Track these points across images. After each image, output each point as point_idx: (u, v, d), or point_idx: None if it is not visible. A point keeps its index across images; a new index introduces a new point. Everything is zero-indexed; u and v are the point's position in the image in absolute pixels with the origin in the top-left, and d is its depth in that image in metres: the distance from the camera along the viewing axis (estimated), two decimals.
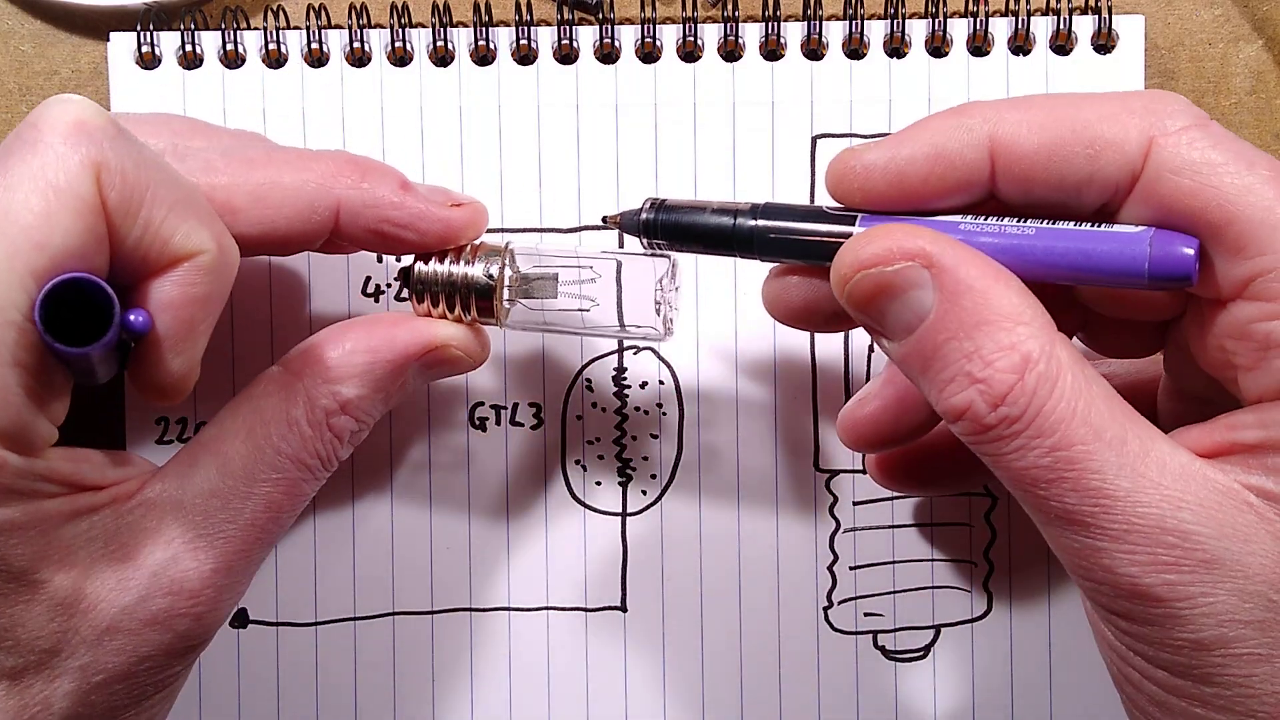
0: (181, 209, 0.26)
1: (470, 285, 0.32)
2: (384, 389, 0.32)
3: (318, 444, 0.31)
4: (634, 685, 0.39)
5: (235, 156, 0.30)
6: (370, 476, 0.38)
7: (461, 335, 0.32)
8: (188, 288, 0.27)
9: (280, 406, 0.30)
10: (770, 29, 0.37)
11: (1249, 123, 0.38)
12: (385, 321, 0.32)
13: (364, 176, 0.31)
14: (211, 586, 0.29)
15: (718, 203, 0.31)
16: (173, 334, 0.27)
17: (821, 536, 0.38)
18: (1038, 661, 0.38)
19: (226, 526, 0.29)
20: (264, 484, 0.30)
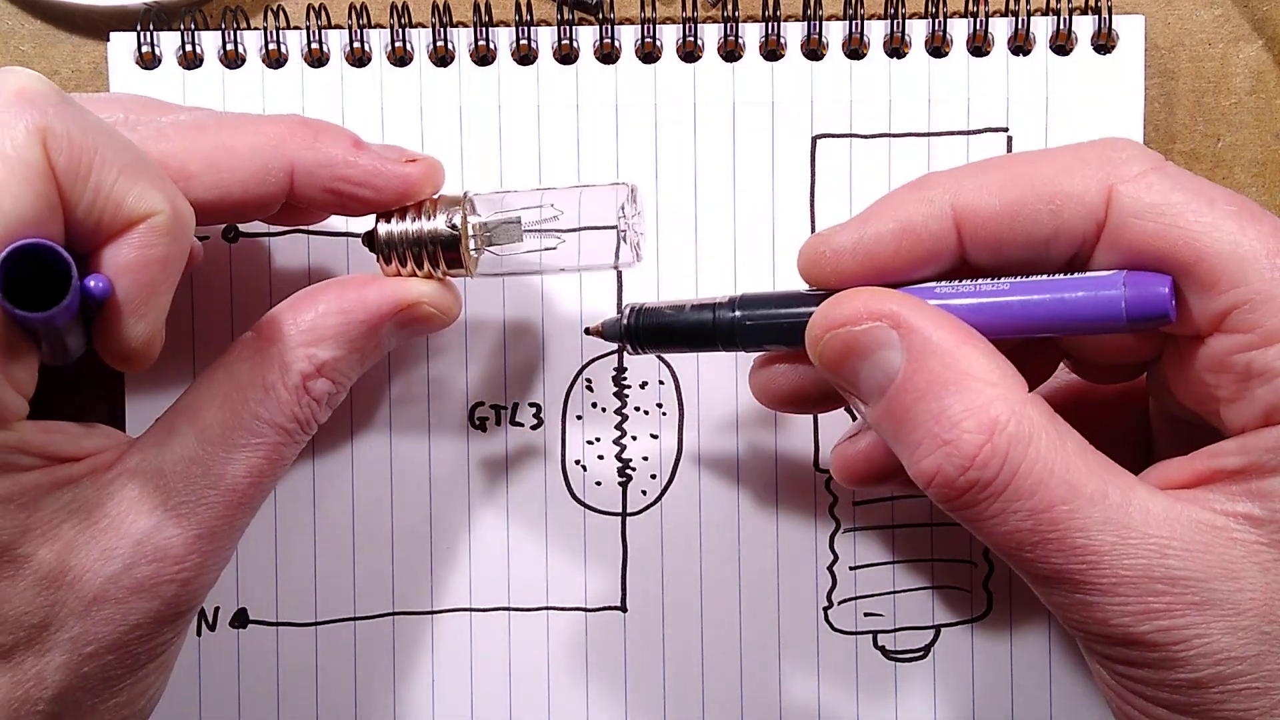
0: (132, 172, 0.26)
1: (435, 239, 0.32)
2: (359, 349, 0.32)
3: (295, 407, 0.31)
4: (634, 685, 0.39)
5: (186, 124, 0.30)
6: (371, 476, 0.38)
7: (432, 291, 0.32)
8: (144, 250, 0.27)
9: (256, 371, 0.30)
10: (770, 29, 0.37)
11: (1249, 123, 0.38)
12: (356, 282, 0.32)
13: (316, 137, 0.31)
14: (196, 552, 0.29)
15: (695, 300, 0.32)
16: (133, 297, 0.27)
17: (821, 536, 0.38)
18: (1038, 661, 0.38)
19: (208, 493, 0.29)
20: (243, 449, 0.30)
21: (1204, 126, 0.38)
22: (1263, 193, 0.38)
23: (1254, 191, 0.38)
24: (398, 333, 0.33)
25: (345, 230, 0.38)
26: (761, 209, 0.38)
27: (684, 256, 0.38)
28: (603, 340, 0.34)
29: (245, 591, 0.38)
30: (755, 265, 0.38)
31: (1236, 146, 0.38)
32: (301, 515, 0.38)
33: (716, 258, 0.38)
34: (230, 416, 0.30)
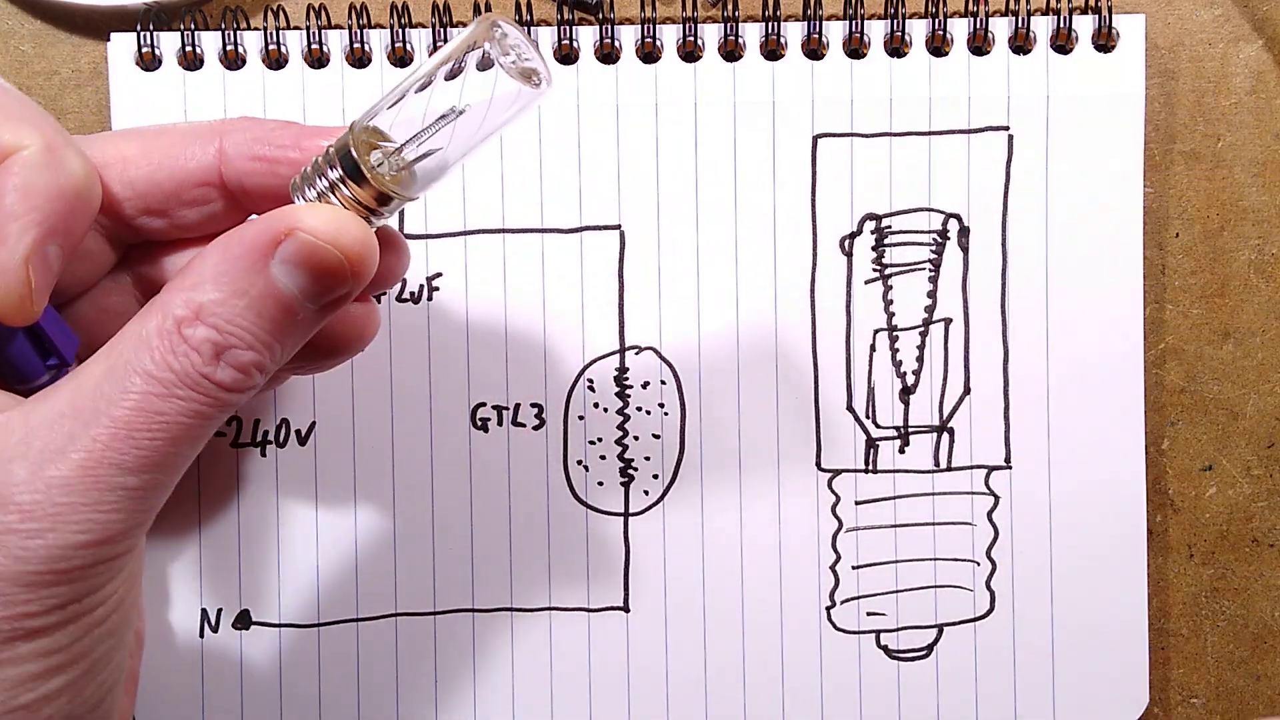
0: (3, 112, 0.26)
1: (332, 164, 0.28)
2: (243, 292, 0.28)
3: (168, 355, 0.27)
4: (636, 685, 0.39)
5: (131, 127, 0.31)
6: (372, 477, 0.38)
7: (323, 223, 0.28)
8: (5, 176, 0.26)
9: (137, 324, 0.28)
10: (770, 29, 0.37)
11: (1249, 123, 0.38)
12: (241, 225, 0.29)
13: (247, 120, 0.30)
14: (48, 503, 0.26)
15: None
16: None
17: (824, 536, 0.38)
18: (1041, 660, 0.39)
19: (68, 443, 0.27)
20: (108, 399, 0.27)
21: (1204, 126, 0.38)
22: (1263, 193, 0.38)
23: (1254, 191, 0.38)
24: (293, 275, 0.28)
25: None
26: (762, 209, 0.38)
27: (685, 256, 0.38)
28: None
29: (248, 593, 0.38)
30: (756, 265, 0.38)
31: (1236, 146, 0.38)
32: (304, 517, 0.38)
33: (717, 258, 0.38)
34: (102, 369, 0.27)
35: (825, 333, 0.38)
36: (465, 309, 0.38)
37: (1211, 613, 0.39)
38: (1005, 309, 0.38)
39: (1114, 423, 0.38)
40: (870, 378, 0.38)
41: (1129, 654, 0.38)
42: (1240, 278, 0.39)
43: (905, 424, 0.38)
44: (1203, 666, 0.39)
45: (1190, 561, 0.39)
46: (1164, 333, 0.39)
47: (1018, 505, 0.38)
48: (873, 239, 0.38)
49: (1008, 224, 0.38)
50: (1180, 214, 0.38)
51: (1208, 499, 0.39)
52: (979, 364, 0.38)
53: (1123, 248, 0.38)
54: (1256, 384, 0.39)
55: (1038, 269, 0.38)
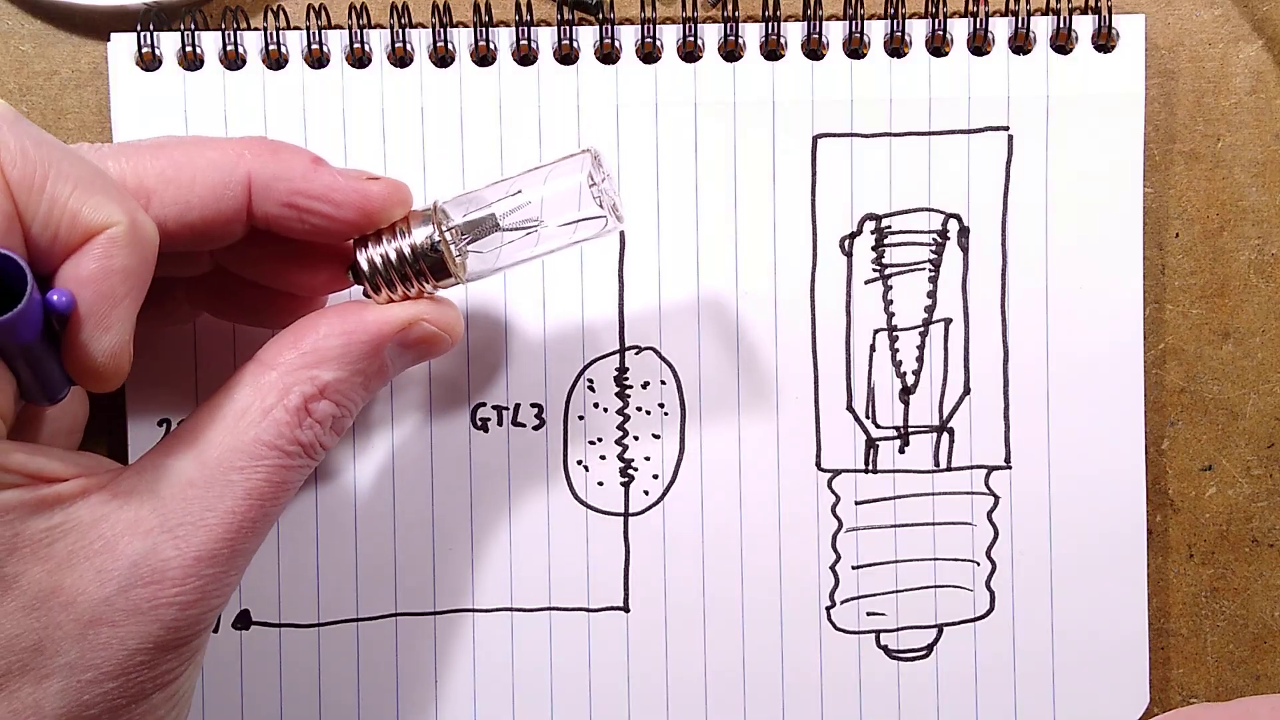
0: (87, 185, 0.26)
1: (417, 254, 0.31)
2: (362, 371, 0.31)
3: (296, 430, 0.30)
4: (636, 685, 0.39)
5: (144, 144, 0.30)
6: (372, 477, 0.38)
7: (431, 309, 0.32)
8: (104, 260, 0.26)
9: (256, 394, 0.30)
10: (770, 29, 0.37)
11: (1249, 122, 0.38)
12: (356, 306, 0.31)
13: (275, 152, 0.31)
14: (195, 575, 0.28)
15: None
16: (95, 310, 0.26)
17: (824, 536, 0.38)
18: (1040, 660, 0.39)
19: (206, 515, 0.29)
20: (243, 473, 0.29)
21: (1204, 126, 0.38)
22: (1263, 193, 0.38)
23: (1254, 191, 0.38)
24: (401, 355, 0.32)
25: None
26: (762, 209, 0.38)
27: (685, 256, 0.38)
28: None
29: (248, 593, 0.38)
30: (756, 265, 0.38)
31: (1236, 146, 0.38)
32: (304, 516, 0.38)
33: (717, 258, 0.38)
34: (230, 440, 0.29)
35: (825, 333, 0.38)
36: (465, 309, 0.38)
37: (1211, 613, 0.39)
38: (1005, 309, 0.38)
39: (1114, 423, 0.38)
40: (870, 378, 0.38)
41: (1129, 654, 0.38)
42: (1240, 278, 0.39)
43: (905, 424, 0.38)
44: (1203, 666, 0.39)
45: (1190, 561, 0.39)
46: (1164, 333, 0.39)
47: (1018, 505, 0.38)
48: (873, 239, 0.38)
49: (1008, 224, 0.38)
50: (1180, 214, 0.39)
51: (1207, 499, 0.39)
52: (979, 364, 0.38)
53: (1123, 248, 0.38)
54: (1256, 384, 0.39)
55: (1038, 269, 0.38)
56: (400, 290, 0.32)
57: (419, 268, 0.32)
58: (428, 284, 0.32)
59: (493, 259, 0.33)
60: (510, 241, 0.32)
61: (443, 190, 0.37)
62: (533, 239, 0.33)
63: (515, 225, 0.32)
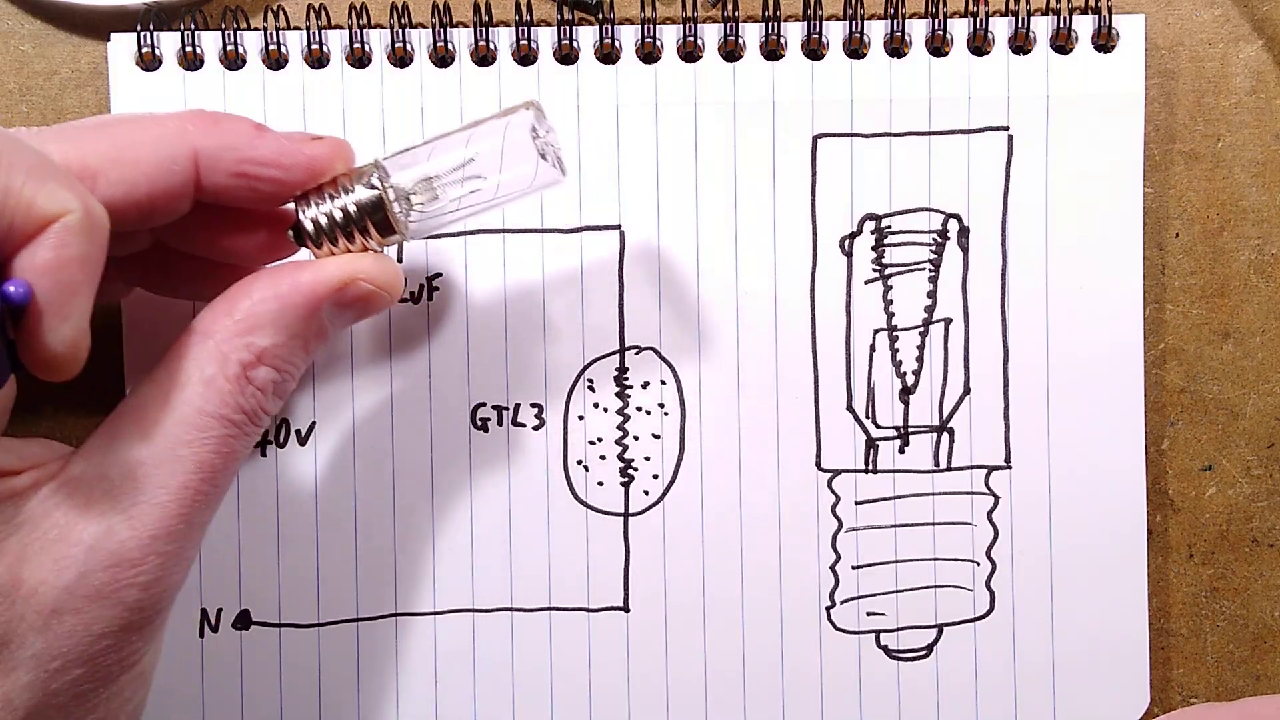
0: (39, 173, 0.26)
1: (360, 209, 0.31)
2: (299, 334, 0.31)
3: (239, 398, 0.30)
4: (636, 685, 0.39)
5: (86, 124, 0.30)
6: (372, 477, 0.38)
7: (369, 267, 0.31)
8: (61, 249, 0.26)
9: (195, 366, 0.29)
10: (770, 29, 0.37)
11: (1249, 122, 0.38)
12: (289, 268, 0.31)
13: (218, 123, 0.30)
14: (153, 553, 0.28)
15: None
16: (54, 300, 0.26)
17: (824, 536, 0.38)
18: (1040, 660, 0.39)
19: (158, 493, 0.28)
20: (190, 446, 0.29)
21: (1204, 126, 0.38)
22: (1263, 193, 0.38)
23: (1254, 191, 0.38)
24: (339, 314, 0.32)
25: None
26: (762, 209, 0.38)
27: (685, 256, 0.38)
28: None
29: (248, 593, 0.38)
30: (756, 265, 0.38)
31: (1236, 146, 0.38)
32: (304, 516, 0.38)
33: (717, 257, 0.38)
34: (174, 414, 0.29)
35: (825, 333, 0.38)
36: (465, 309, 0.38)
37: (1211, 613, 0.39)
38: (1005, 309, 0.38)
39: (1114, 423, 0.38)
40: (870, 378, 0.38)
41: (1129, 654, 0.38)
42: (1240, 278, 0.39)
43: (905, 424, 0.38)
44: (1203, 666, 0.39)
45: (1190, 561, 0.39)
46: (1164, 333, 0.39)
47: (1018, 505, 0.38)
48: (873, 239, 0.38)
49: (1008, 224, 0.38)
50: (1180, 214, 0.39)
51: (1207, 499, 0.39)
52: (979, 364, 0.38)
53: (1123, 248, 0.38)
54: (1256, 384, 0.39)
55: (1038, 269, 0.38)
56: (342, 245, 0.32)
57: (364, 224, 0.31)
58: (372, 240, 0.32)
59: (435, 217, 0.32)
60: (454, 198, 0.32)
61: None
62: (478, 195, 0.32)
63: (456, 181, 0.32)
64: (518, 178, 0.32)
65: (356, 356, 0.38)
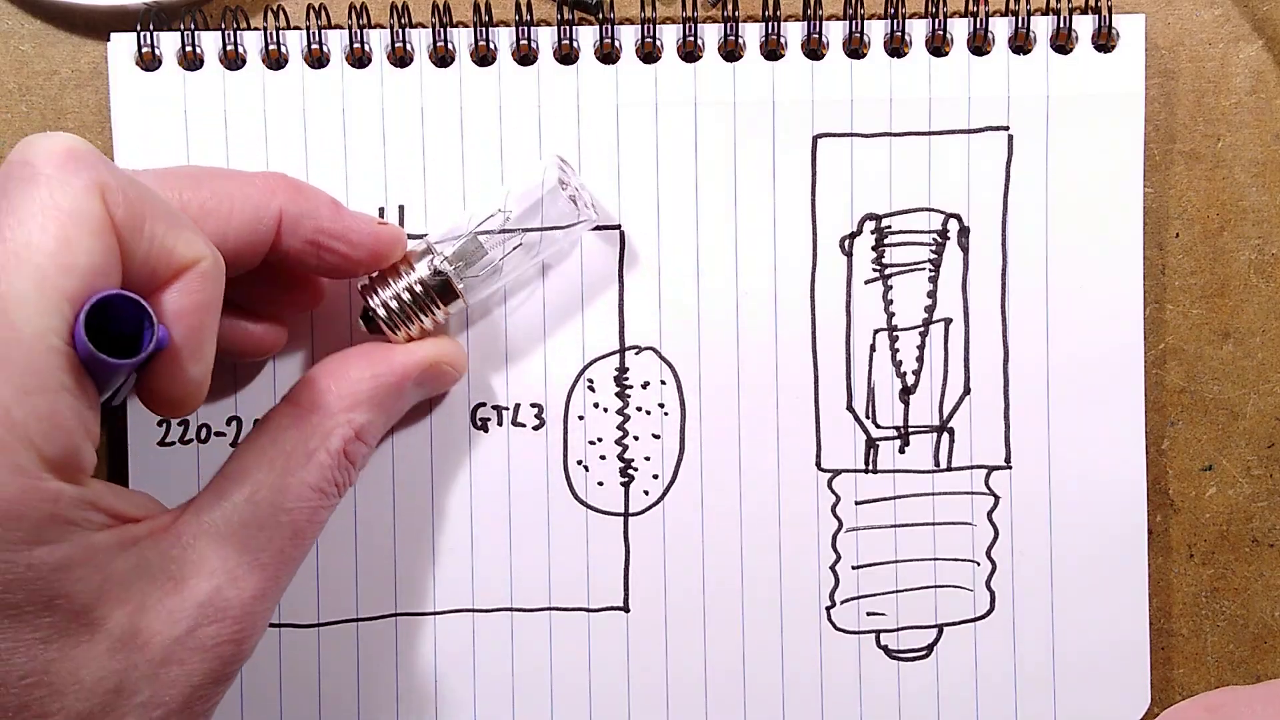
0: (175, 221, 0.28)
1: (425, 285, 0.35)
2: (389, 411, 0.34)
3: (335, 471, 0.32)
4: (636, 685, 0.39)
5: (178, 172, 0.31)
6: (372, 477, 0.38)
7: (450, 350, 0.36)
8: (196, 294, 0.28)
9: (300, 438, 0.32)
10: (770, 29, 0.37)
11: (1249, 122, 0.38)
12: (382, 348, 0.34)
13: (300, 190, 0.33)
14: (251, 613, 0.30)
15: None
16: (189, 342, 0.28)
17: (824, 536, 0.38)
18: (1041, 660, 0.38)
19: (260, 555, 0.30)
20: (290, 513, 0.31)
21: (1204, 126, 0.38)
22: (1263, 193, 0.38)
23: (1254, 192, 0.38)
24: (416, 390, 0.36)
25: None
26: (762, 209, 0.38)
27: (685, 256, 0.38)
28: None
29: None
30: (756, 265, 0.38)
31: (1236, 146, 0.38)
32: None
33: (717, 258, 0.38)
34: (278, 482, 0.31)
35: (825, 333, 0.38)
36: (465, 309, 0.38)
37: (1212, 613, 0.39)
38: (1005, 309, 0.38)
39: (1114, 423, 0.38)
40: (870, 378, 0.38)
41: (1130, 654, 0.38)
42: (1240, 278, 0.39)
43: (905, 424, 0.38)
44: (1203, 667, 0.39)
45: (1190, 562, 0.39)
46: (1164, 333, 0.39)
47: (1018, 505, 0.38)
48: (873, 239, 0.38)
49: (1008, 224, 0.38)
50: (1180, 214, 0.38)
51: (1208, 499, 0.39)
52: (979, 364, 0.38)
53: (1123, 248, 0.38)
54: (1256, 384, 0.39)
55: (1038, 269, 0.38)
56: (417, 324, 0.35)
57: (429, 299, 0.35)
58: (438, 310, 0.35)
59: (490, 275, 0.36)
60: (502, 256, 0.36)
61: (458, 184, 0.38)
62: (522, 249, 0.36)
63: (499, 243, 0.36)
64: (555, 226, 0.36)
65: None
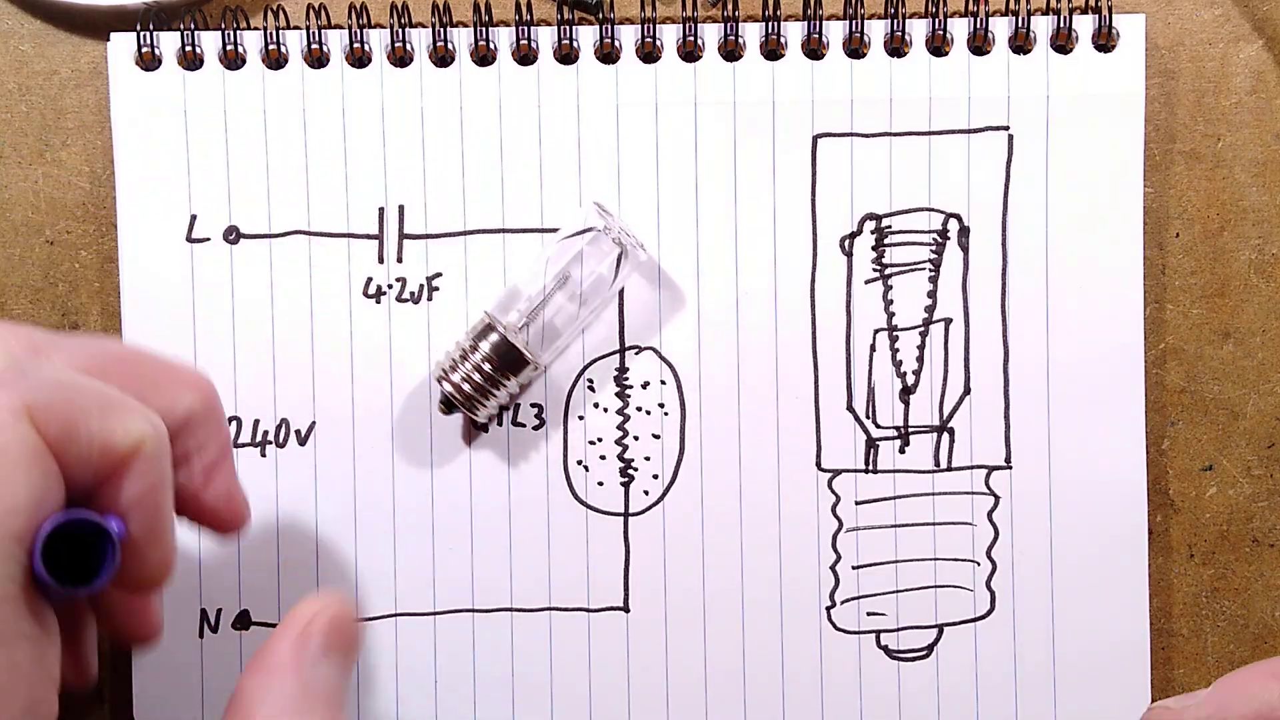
0: (109, 408, 0.25)
1: (495, 358, 0.36)
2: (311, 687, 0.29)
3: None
4: (636, 686, 0.39)
5: (90, 353, 0.28)
6: (371, 478, 0.38)
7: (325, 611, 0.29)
8: (145, 478, 0.26)
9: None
10: (770, 28, 0.37)
11: (1249, 122, 0.38)
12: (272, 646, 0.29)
13: (210, 419, 0.29)
14: None
15: None
16: (148, 530, 0.26)
17: (824, 536, 0.38)
18: (1041, 661, 0.38)
19: None
20: None
21: (1204, 126, 0.38)
22: (1263, 193, 0.38)
23: (1254, 191, 0.38)
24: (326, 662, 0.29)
25: (347, 231, 0.38)
26: (762, 209, 0.38)
27: (685, 256, 0.38)
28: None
29: (247, 593, 0.38)
30: (756, 265, 0.38)
31: (1237, 146, 0.38)
32: (304, 516, 0.38)
33: (717, 258, 0.38)
34: None
35: (825, 333, 0.38)
36: (465, 309, 0.38)
37: (1212, 613, 0.39)
38: (1005, 309, 0.38)
39: (1114, 423, 0.38)
40: (870, 378, 0.38)
41: (1130, 654, 0.38)
42: (1240, 278, 0.39)
43: (905, 424, 0.38)
44: (1203, 667, 0.39)
45: (1190, 562, 0.39)
46: (1164, 333, 0.39)
47: (1018, 505, 0.38)
48: (873, 239, 0.38)
49: (1008, 224, 0.38)
50: (1180, 214, 0.38)
51: (1208, 499, 0.39)
52: (979, 364, 0.38)
53: (1123, 248, 0.38)
54: (1257, 384, 0.39)
55: (1038, 269, 0.38)
56: (494, 400, 0.36)
57: (501, 371, 0.36)
58: (513, 382, 0.36)
59: (551, 334, 0.37)
60: (560, 314, 0.37)
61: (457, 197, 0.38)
62: (574, 301, 0.37)
63: (556, 300, 0.37)
64: (607, 272, 0.37)
65: (356, 356, 0.38)
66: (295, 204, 0.38)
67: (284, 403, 0.38)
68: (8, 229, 0.38)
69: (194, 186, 0.38)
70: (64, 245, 0.38)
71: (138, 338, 0.38)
